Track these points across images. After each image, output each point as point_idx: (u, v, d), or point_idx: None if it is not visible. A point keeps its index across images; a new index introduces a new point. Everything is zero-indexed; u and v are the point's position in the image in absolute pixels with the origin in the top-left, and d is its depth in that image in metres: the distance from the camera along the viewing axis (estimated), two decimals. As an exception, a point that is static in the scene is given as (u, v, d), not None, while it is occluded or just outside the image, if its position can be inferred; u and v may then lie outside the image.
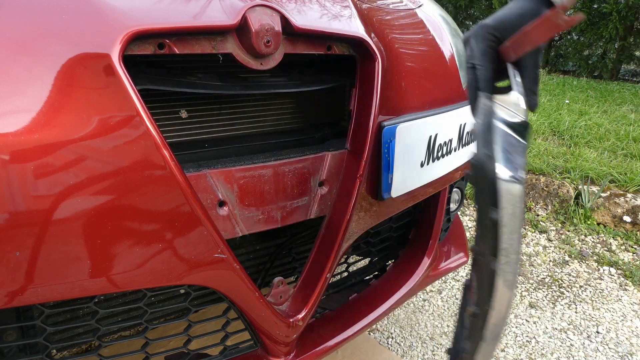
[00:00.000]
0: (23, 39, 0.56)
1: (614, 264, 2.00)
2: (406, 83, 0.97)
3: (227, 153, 0.84)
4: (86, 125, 0.56)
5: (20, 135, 0.53)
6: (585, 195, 2.34)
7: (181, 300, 0.83)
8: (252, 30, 0.68)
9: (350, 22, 0.85)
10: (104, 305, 0.79)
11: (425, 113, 0.97)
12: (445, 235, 1.37)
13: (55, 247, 0.57)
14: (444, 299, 1.74)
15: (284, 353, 0.88)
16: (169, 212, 0.63)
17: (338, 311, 1.06)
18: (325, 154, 0.86)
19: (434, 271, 1.24)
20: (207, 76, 0.81)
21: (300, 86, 0.85)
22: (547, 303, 1.74)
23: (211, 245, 0.68)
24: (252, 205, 0.78)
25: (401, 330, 1.57)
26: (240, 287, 0.75)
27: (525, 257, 2.06)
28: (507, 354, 1.47)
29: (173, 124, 0.83)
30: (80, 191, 0.56)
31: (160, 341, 0.81)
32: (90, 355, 0.74)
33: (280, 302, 0.87)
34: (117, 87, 0.58)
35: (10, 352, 0.70)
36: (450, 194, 1.30)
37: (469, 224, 2.37)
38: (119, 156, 0.58)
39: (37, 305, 0.68)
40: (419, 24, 1.12)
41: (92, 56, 0.57)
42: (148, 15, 0.62)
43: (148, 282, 0.66)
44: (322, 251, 0.88)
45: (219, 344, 0.86)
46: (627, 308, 1.72)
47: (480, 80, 0.63)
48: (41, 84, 0.55)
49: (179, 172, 0.63)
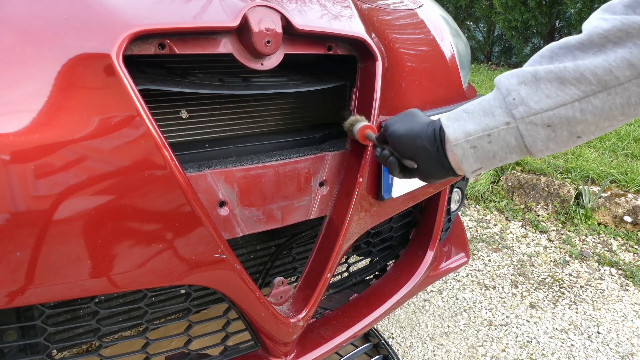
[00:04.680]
0: (24, 39, 0.56)
1: (614, 264, 2.00)
2: (407, 83, 0.97)
3: (228, 153, 0.84)
4: (87, 125, 0.56)
5: (20, 135, 0.53)
6: (586, 195, 2.34)
7: (182, 300, 0.83)
8: (252, 31, 0.68)
9: (350, 22, 0.85)
10: (105, 306, 0.79)
11: (426, 113, 0.97)
12: (445, 236, 1.37)
13: (56, 247, 0.57)
14: (445, 299, 1.74)
15: (285, 353, 0.88)
16: (170, 212, 0.63)
17: (338, 311, 1.06)
18: (325, 154, 0.86)
19: (434, 271, 1.24)
20: (207, 76, 0.81)
21: (301, 86, 0.85)
22: (547, 303, 1.74)
23: (212, 245, 0.68)
24: (252, 206, 0.78)
25: (402, 330, 1.57)
26: (240, 287, 0.75)
27: (525, 257, 2.06)
28: (507, 354, 1.47)
29: (173, 124, 0.83)
30: (81, 191, 0.56)
31: (161, 341, 0.81)
32: (90, 356, 0.74)
33: (281, 302, 0.87)
34: (118, 87, 0.58)
35: (10, 352, 0.70)
36: (451, 194, 1.30)
37: (469, 224, 2.37)
38: (120, 156, 0.58)
39: (38, 306, 0.68)
40: (419, 24, 1.11)
41: (92, 56, 0.57)
42: (149, 15, 0.62)
43: (148, 282, 0.66)
44: (322, 251, 0.88)
45: (219, 344, 0.86)
46: (628, 308, 1.72)
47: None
48: (42, 84, 0.55)
49: (180, 172, 0.62)
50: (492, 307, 1.70)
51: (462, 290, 1.80)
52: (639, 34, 0.49)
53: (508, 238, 2.24)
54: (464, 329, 1.58)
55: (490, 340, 1.53)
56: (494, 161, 0.61)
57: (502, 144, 0.58)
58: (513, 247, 2.15)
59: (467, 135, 0.60)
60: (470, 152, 0.60)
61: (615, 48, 0.51)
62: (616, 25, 0.50)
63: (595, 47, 0.52)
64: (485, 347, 1.50)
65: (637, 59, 0.50)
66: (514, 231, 2.30)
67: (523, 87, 0.56)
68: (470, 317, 1.64)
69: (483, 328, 1.59)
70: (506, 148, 0.59)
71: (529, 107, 0.55)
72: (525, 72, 0.56)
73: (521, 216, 2.44)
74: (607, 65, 0.51)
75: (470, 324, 1.61)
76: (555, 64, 0.54)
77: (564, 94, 0.53)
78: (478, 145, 0.60)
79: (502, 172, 2.67)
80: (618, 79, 0.51)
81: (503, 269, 1.97)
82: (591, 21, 0.54)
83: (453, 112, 0.63)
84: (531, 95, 0.55)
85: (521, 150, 0.58)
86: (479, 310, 1.68)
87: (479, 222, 2.39)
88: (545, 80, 0.54)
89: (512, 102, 0.56)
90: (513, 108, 0.56)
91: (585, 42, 0.53)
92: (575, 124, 0.54)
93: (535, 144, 0.57)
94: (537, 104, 0.55)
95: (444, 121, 0.63)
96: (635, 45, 0.50)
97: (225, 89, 0.77)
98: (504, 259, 2.05)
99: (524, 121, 0.56)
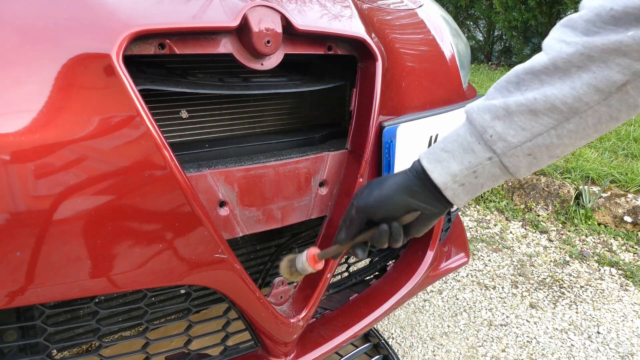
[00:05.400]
0: (24, 39, 0.56)
1: (614, 264, 2.00)
2: (407, 83, 0.97)
3: (228, 153, 0.84)
4: (87, 125, 0.56)
5: (20, 135, 0.53)
6: (586, 195, 2.34)
7: (182, 300, 0.83)
8: (252, 31, 0.68)
9: (350, 22, 0.85)
10: (105, 306, 0.79)
11: (426, 113, 0.97)
12: (445, 236, 1.37)
13: (56, 247, 0.57)
14: (445, 299, 1.74)
15: (285, 353, 0.88)
16: (170, 212, 0.63)
17: (338, 311, 1.06)
18: (325, 154, 0.86)
19: (434, 271, 1.24)
20: (207, 76, 0.81)
21: (301, 86, 0.85)
22: (547, 303, 1.74)
23: (211, 245, 0.68)
24: (252, 206, 0.78)
25: (402, 330, 1.57)
26: (240, 287, 0.75)
27: (526, 258, 2.06)
28: (507, 354, 1.47)
29: (173, 124, 0.83)
30: (81, 191, 0.56)
31: (161, 341, 0.81)
32: (90, 356, 0.74)
33: (281, 302, 0.87)
34: (118, 87, 0.58)
35: (10, 352, 0.70)
36: (451, 194, 1.30)
37: (469, 224, 2.37)
38: (120, 156, 0.58)
39: (38, 306, 0.67)
40: (419, 24, 1.11)
41: (92, 56, 0.57)
42: (149, 15, 0.62)
43: (148, 282, 0.66)
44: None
45: (219, 344, 0.86)
46: (628, 308, 1.72)
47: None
48: (42, 84, 0.55)
49: (180, 172, 0.63)
50: (492, 307, 1.70)
51: (462, 290, 1.80)
52: (601, 58, 0.51)
53: (508, 238, 2.24)
54: (464, 329, 1.58)
55: (490, 340, 1.53)
56: (483, 189, 0.63)
57: (488, 176, 0.60)
58: (513, 247, 2.15)
59: (454, 177, 0.61)
60: (460, 189, 0.62)
61: (580, 72, 0.52)
62: (579, 50, 0.52)
63: (560, 72, 0.54)
64: (485, 347, 1.50)
65: (601, 83, 0.51)
66: (514, 231, 2.30)
67: (497, 122, 0.57)
68: (470, 317, 1.64)
69: (483, 328, 1.59)
70: (492, 178, 0.61)
71: (507, 142, 0.57)
72: (497, 106, 0.57)
73: (521, 216, 2.44)
74: (575, 93, 0.52)
75: (470, 324, 1.61)
76: (525, 94, 0.56)
77: (538, 125, 0.55)
78: (466, 183, 0.61)
79: (502, 172, 2.66)
80: (588, 104, 0.53)
81: (503, 269, 1.97)
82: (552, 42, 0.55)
83: (431, 153, 0.63)
84: (507, 130, 0.57)
85: (506, 175, 0.60)
86: (479, 311, 1.68)
87: (479, 222, 2.39)
88: (517, 113, 0.56)
89: (490, 139, 0.58)
90: (492, 144, 0.58)
91: (549, 67, 0.54)
92: (554, 148, 0.56)
93: (519, 170, 0.59)
94: (514, 137, 0.56)
95: (425, 164, 0.63)
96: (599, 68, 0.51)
97: (225, 89, 0.77)
98: (504, 259, 2.05)
99: (505, 155, 0.58)
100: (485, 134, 0.58)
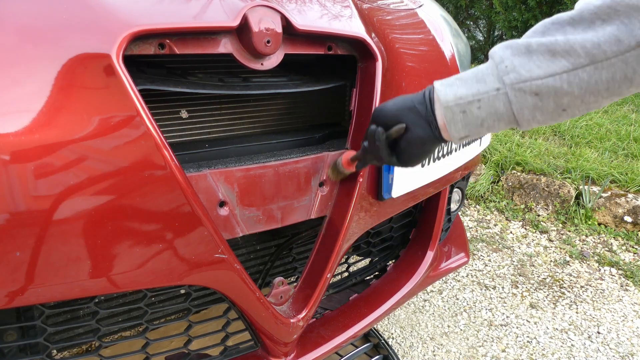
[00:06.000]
0: (24, 39, 0.56)
1: (614, 264, 2.00)
2: (407, 83, 0.97)
3: (228, 153, 0.84)
4: (87, 125, 0.56)
5: (20, 135, 0.53)
6: (586, 195, 2.34)
7: (182, 300, 0.83)
8: (252, 31, 0.68)
9: (350, 22, 0.85)
10: (105, 306, 0.79)
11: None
12: (445, 236, 1.37)
13: (56, 247, 0.57)
14: (445, 299, 1.74)
15: (285, 353, 0.88)
16: (170, 212, 0.63)
17: (338, 311, 1.06)
18: (325, 154, 0.86)
19: (434, 271, 1.24)
20: (207, 76, 0.81)
21: (301, 86, 0.85)
22: (547, 303, 1.74)
23: (211, 245, 0.68)
24: (252, 205, 0.78)
25: (402, 330, 1.57)
26: (240, 287, 0.75)
27: (526, 258, 2.05)
28: (508, 354, 1.47)
29: (173, 124, 0.83)
30: (80, 191, 0.56)
31: (161, 341, 0.81)
32: (90, 356, 0.74)
33: (281, 303, 0.87)
34: (118, 87, 0.58)
35: (10, 352, 0.70)
36: (451, 194, 1.30)
37: (469, 224, 2.37)
38: (120, 156, 0.58)
39: (38, 306, 0.67)
40: (419, 24, 1.11)
41: (92, 56, 0.57)
42: (149, 15, 0.62)
43: (148, 282, 0.66)
44: (322, 251, 0.88)
45: (219, 344, 0.86)
46: (628, 308, 1.72)
47: None
48: (42, 84, 0.55)
49: (180, 172, 0.62)
50: (492, 307, 1.70)
51: (462, 290, 1.80)
52: (626, 12, 0.52)
53: (508, 238, 2.24)
54: (464, 329, 1.58)
55: (490, 340, 1.53)
56: (482, 129, 0.63)
57: (491, 110, 0.61)
58: (513, 247, 2.15)
59: (458, 99, 0.62)
60: (460, 116, 0.62)
61: (604, 25, 0.54)
62: (606, 3, 0.53)
63: (585, 23, 0.55)
64: (485, 347, 1.50)
65: (624, 35, 0.52)
66: (514, 231, 2.30)
67: (516, 57, 0.59)
68: (471, 317, 1.64)
69: (483, 328, 1.59)
70: (494, 115, 0.61)
71: (519, 75, 0.58)
72: (520, 43, 0.59)
73: (521, 216, 2.44)
74: (596, 39, 0.54)
75: (470, 324, 1.61)
76: (547, 37, 0.57)
77: (553, 65, 0.56)
78: (467, 111, 0.62)
79: (502, 172, 2.67)
80: (605, 54, 0.54)
81: (503, 269, 1.97)
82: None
83: (446, 80, 0.65)
84: (523, 65, 0.58)
85: (509, 118, 0.60)
86: (479, 311, 1.68)
87: (479, 222, 2.39)
88: (537, 52, 0.57)
89: (503, 69, 0.59)
90: (504, 75, 0.59)
91: (575, 18, 0.56)
92: (562, 95, 0.57)
93: (523, 112, 0.59)
94: (527, 72, 0.57)
95: (436, 85, 0.65)
96: (623, 23, 0.52)
97: (225, 89, 0.77)
98: (504, 259, 2.05)
99: (513, 87, 0.58)
100: (501, 64, 0.59)
